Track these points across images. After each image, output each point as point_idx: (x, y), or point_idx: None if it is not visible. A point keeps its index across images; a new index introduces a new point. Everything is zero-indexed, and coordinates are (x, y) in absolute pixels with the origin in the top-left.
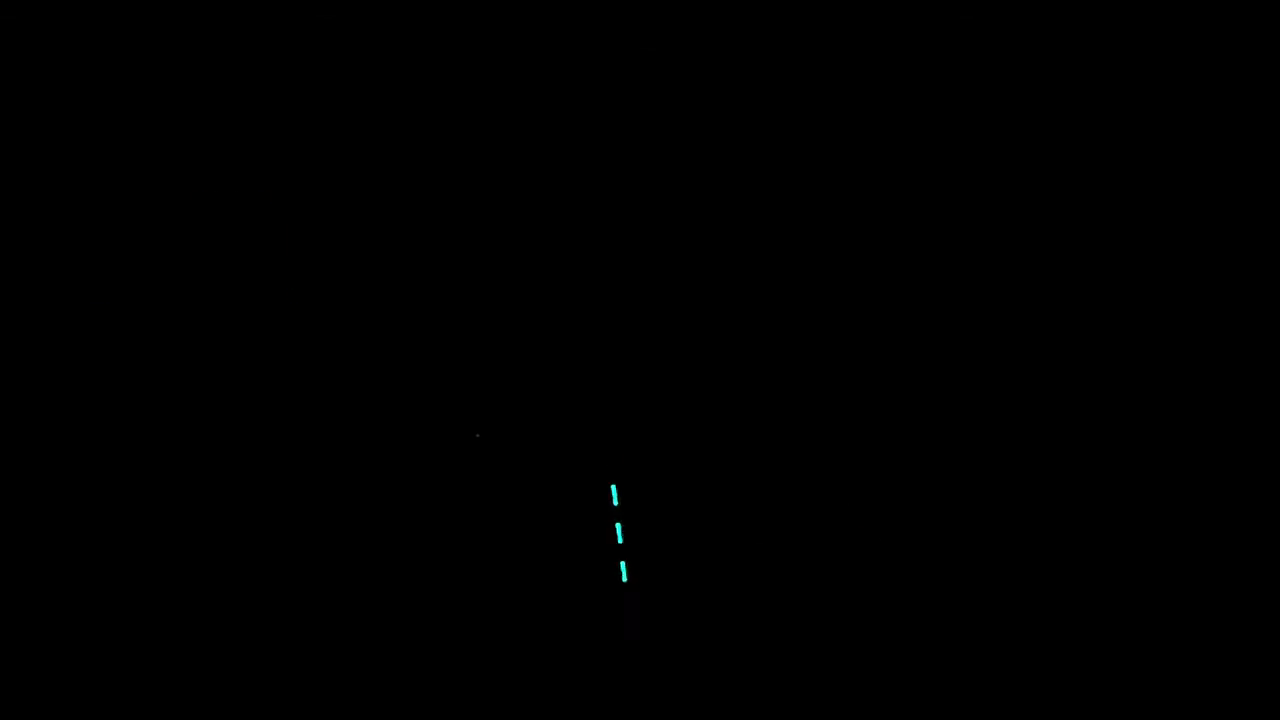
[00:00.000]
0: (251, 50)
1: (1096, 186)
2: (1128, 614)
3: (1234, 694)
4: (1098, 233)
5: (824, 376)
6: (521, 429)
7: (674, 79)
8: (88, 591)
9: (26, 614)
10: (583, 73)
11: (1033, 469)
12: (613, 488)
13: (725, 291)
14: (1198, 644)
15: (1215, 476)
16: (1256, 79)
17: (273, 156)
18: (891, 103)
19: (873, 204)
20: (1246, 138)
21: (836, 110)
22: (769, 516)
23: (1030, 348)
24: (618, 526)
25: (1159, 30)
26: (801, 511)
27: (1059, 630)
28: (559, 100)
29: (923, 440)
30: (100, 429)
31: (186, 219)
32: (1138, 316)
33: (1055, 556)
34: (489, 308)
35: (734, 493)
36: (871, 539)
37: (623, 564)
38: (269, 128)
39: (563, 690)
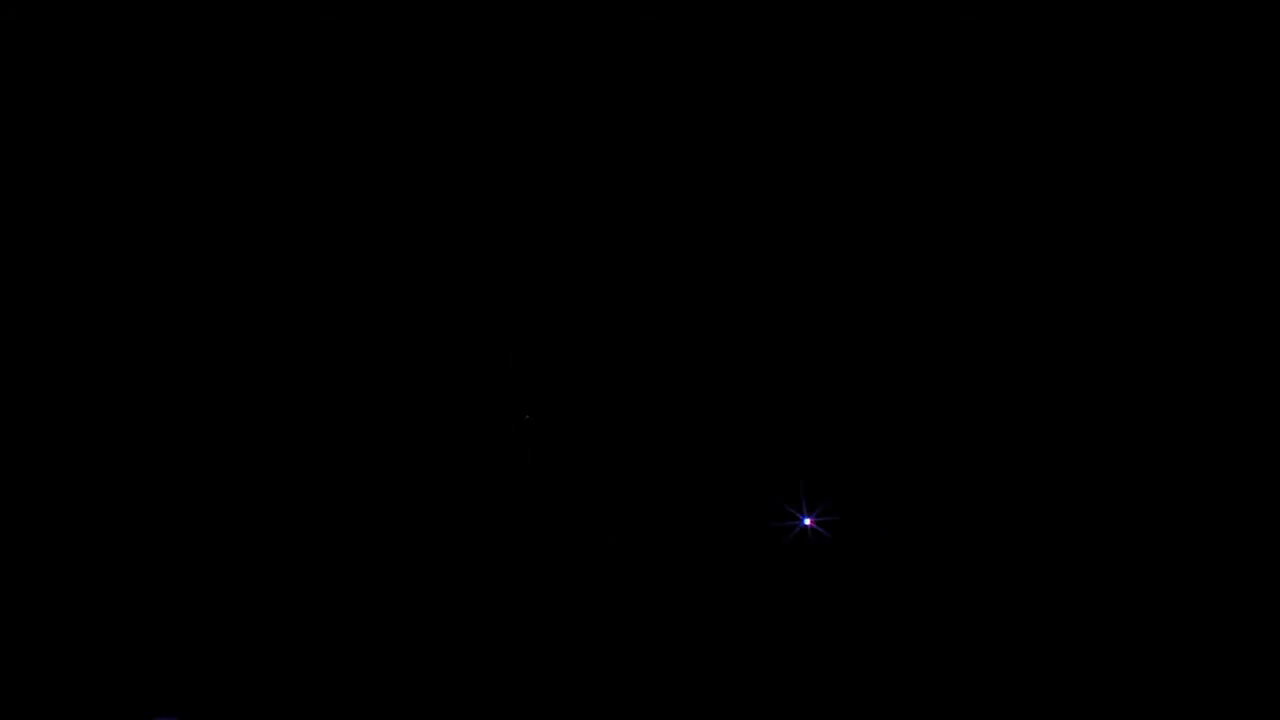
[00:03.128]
0: (252, 50)
1: (1097, 187)
2: (1128, 614)
3: (1234, 694)
4: (1098, 233)
5: (824, 377)
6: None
7: (673, 79)
8: (88, 591)
9: (26, 613)
10: (583, 73)
11: (1031, 469)
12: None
13: (728, 291)
14: (1198, 644)
15: (1215, 476)
16: (1257, 79)
17: (282, 157)
18: (890, 102)
19: (871, 203)
20: (1246, 138)
21: (833, 110)
22: (771, 517)
23: (1028, 347)
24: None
25: (1159, 30)
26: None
27: (1057, 631)
28: (560, 100)
29: (922, 440)
30: (132, 427)
31: (189, 219)
32: (1138, 317)
33: (1054, 557)
34: (507, 304)
35: (735, 492)
36: (870, 539)
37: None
38: (269, 128)
39: (564, 689)
